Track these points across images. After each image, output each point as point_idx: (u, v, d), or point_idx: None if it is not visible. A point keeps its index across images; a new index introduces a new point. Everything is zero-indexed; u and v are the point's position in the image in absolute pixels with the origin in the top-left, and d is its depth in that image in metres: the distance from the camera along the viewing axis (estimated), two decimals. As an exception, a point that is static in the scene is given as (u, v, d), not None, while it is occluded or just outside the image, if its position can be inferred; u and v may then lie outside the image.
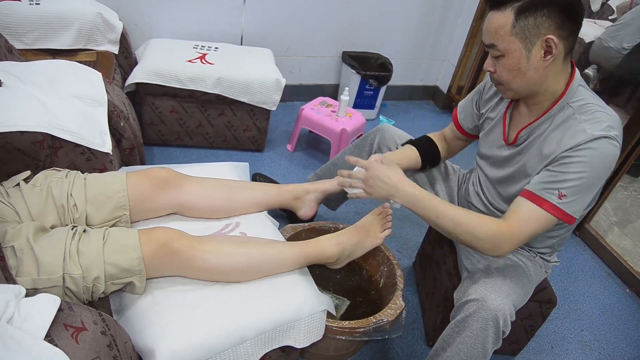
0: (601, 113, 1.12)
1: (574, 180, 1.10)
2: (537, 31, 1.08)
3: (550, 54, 1.10)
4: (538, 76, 1.14)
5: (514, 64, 1.13)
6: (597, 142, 1.08)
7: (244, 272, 1.22)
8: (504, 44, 1.11)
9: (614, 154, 1.10)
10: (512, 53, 1.12)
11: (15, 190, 1.17)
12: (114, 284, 1.08)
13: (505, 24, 1.09)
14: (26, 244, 1.02)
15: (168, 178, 1.33)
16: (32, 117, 1.28)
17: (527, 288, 1.30)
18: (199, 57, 2.31)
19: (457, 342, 1.20)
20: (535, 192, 1.15)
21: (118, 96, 1.76)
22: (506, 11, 1.09)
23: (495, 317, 1.14)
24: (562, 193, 1.11)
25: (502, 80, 1.18)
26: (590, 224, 2.37)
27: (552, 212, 1.13)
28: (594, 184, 1.12)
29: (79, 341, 0.86)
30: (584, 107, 1.14)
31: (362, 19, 2.96)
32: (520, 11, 1.07)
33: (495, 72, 1.19)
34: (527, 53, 1.11)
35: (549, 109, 1.19)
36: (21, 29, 1.94)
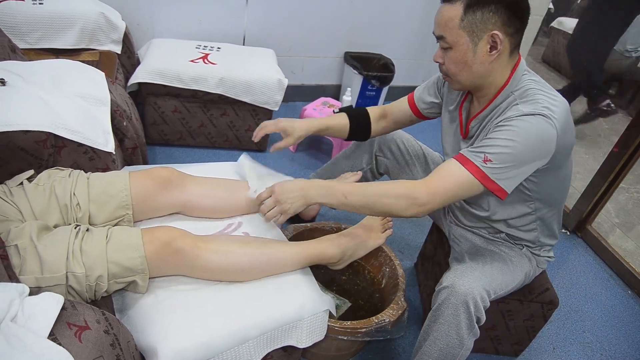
0: (541, 96, 1.14)
1: (501, 147, 1.11)
2: (484, 26, 1.11)
3: (496, 49, 1.13)
4: (483, 70, 1.17)
5: (460, 56, 1.16)
6: (528, 117, 1.10)
7: (247, 271, 1.22)
8: (452, 37, 1.15)
9: (546, 130, 1.10)
10: (459, 46, 1.15)
11: (19, 190, 1.18)
12: (117, 283, 1.08)
13: (454, 17, 1.13)
14: (29, 243, 1.02)
15: (171, 177, 1.33)
16: (35, 117, 1.28)
17: (506, 275, 1.30)
18: (202, 57, 2.32)
19: (434, 330, 1.21)
20: (464, 154, 1.16)
21: (121, 96, 1.76)
22: (456, 4, 1.12)
23: (465, 301, 1.15)
24: (488, 158, 1.12)
25: (450, 72, 1.22)
26: (592, 226, 2.37)
27: (475, 174, 1.13)
28: (523, 157, 1.11)
29: (82, 340, 0.86)
30: (525, 93, 1.17)
31: (364, 20, 2.96)
32: (469, 5, 1.11)
33: (443, 63, 1.22)
34: (474, 47, 1.14)
35: (494, 99, 1.22)
36: (24, 29, 1.95)
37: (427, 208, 1.16)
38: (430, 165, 1.66)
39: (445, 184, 1.15)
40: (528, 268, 1.39)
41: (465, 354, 1.21)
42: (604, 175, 2.22)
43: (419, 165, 1.66)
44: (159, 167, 1.35)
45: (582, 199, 2.34)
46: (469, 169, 1.13)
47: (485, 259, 1.30)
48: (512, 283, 1.33)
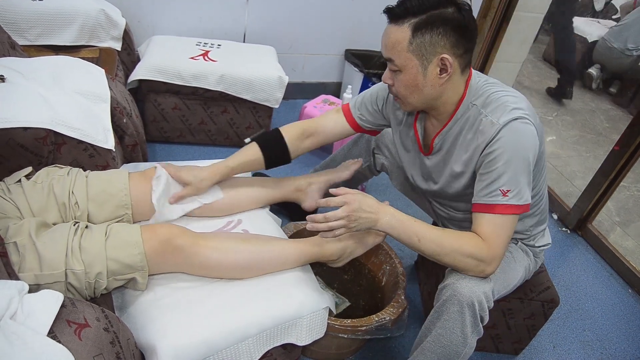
0: (503, 98, 1.14)
1: (506, 173, 1.11)
2: (433, 49, 1.09)
3: (446, 72, 1.12)
4: (434, 92, 1.16)
5: (410, 80, 1.14)
6: (506, 128, 1.10)
7: (246, 269, 1.22)
8: (401, 60, 1.12)
9: (527, 131, 1.11)
10: (409, 70, 1.13)
11: (17, 187, 1.17)
12: (117, 280, 1.08)
13: (402, 40, 1.10)
14: (28, 240, 1.02)
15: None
16: (35, 114, 1.28)
17: (508, 273, 1.30)
18: (202, 54, 2.31)
19: (437, 326, 1.21)
20: (482, 202, 1.15)
21: (121, 93, 1.76)
22: (404, 26, 1.10)
23: (470, 299, 1.14)
24: (504, 190, 1.12)
25: (400, 94, 1.20)
26: (593, 224, 2.37)
27: (507, 211, 1.13)
28: (524, 165, 1.12)
29: (82, 338, 0.86)
30: (487, 100, 1.16)
31: (365, 17, 2.95)
32: (417, 28, 1.08)
33: (393, 85, 1.20)
34: (424, 70, 1.12)
35: (454, 114, 1.21)
36: (24, 25, 1.94)
37: (491, 267, 1.15)
38: None
39: (500, 238, 1.14)
40: (527, 262, 1.39)
41: (469, 353, 1.21)
42: (604, 174, 2.22)
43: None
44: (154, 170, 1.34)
45: (583, 198, 2.34)
46: (501, 211, 1.13)
47: None
48: (514, 280, 1.33)
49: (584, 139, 3.53)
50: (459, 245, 1.13)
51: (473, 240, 1.14)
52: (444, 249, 1.14)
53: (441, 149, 1.28)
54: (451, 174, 1.28)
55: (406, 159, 1.43)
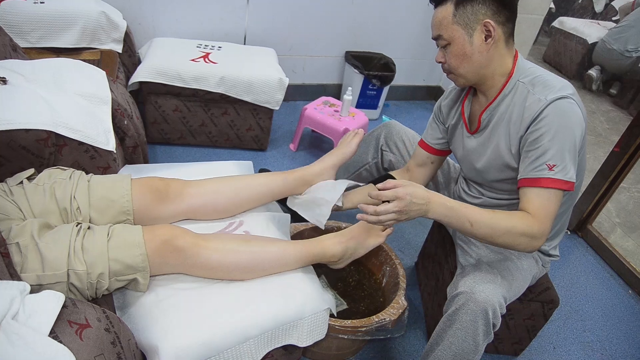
0: (551, 80, 1.20)
1: (552, 148, 1.14)
2: (476, 17, 1.18)
3: (491, 37, 1.19)
4: (483, 59, 1.22)
5: (459, 49, 1.22)
6: (552, 105, 1.14)
7: (247, 270, 1.22)
8: (448, 33, 1.21)
9: (573, 110, 1.15)
10: (456, 40, 1.21)
11: (19, 189, 1.17)
12: (118, 281, 1.08)
13: (447, 15, 1.20)
14: (31, 241, 1.02)
15: (168, 190, 1.30)
16: (36, 115, 1.28)
17: (518, 281, 1.31)
18: (203, 56, 2.32)
19: (449, 335, 1.21)
20: (529, 175, 1.17)
21: (122, 95, 1.76)
22: (446, 4, 1.20)
23: (484, 308, 1.16)
24: (550, 164, 1.14)
25: (452, 67, 1.26)
26: (593, 225, 2.37)
27: (553, 185, 1.14)
28: (570, 142, 1.14)
29: (83, 338, 0.86)
30: (535, 80, 1.22)
31: (365, 19, 2.96)
32: (459, 2, 1.18)
33: (445, 61, 1.28)
34: (470, 38, 1.20)
35: (502, 88, 1.26)
36: (26, 28, 1.95)
37: (541, 242, 1.17)
38: None
39: (548, 212, 1.15)
40: (535, 271, 1.40)
41: (478, 359, 1.22)
42: (604, 175, 2.23)
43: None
44: (157, 179, 1.32)
45: (583, 199, 2.34)
46: (548, 185, 1.14)
47: (501, 265, 1.30)
48: (523, 288, 1.35)
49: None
50: (512, 226, 1.14)
51: (523, 218, 1.15)
52: (497, 231, 1.15)
53: (487, 125, 1.31)
54: (494, 152, 1.29)
55: (457, 146, 1.45)
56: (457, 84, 1.33)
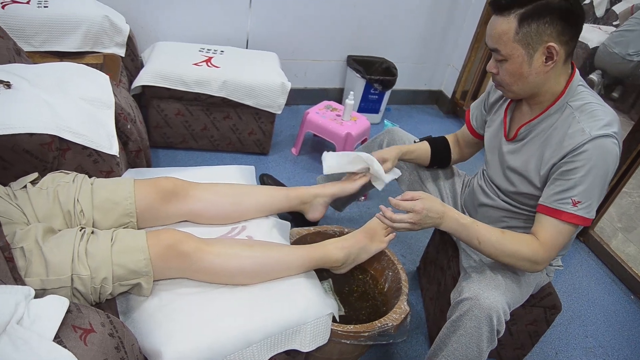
0: (600, 111, 1.15)
1: (582, 184, 1.12)
2: (540, 38, 1.10)
3: (552, 60, 1.13)
4: (539, 80, 1.17)
5: (516, 69, 1.16)
6: (595, 142, 1.11)
7: (250, 274, 1.22)
8: (507, 50, 1.14)
9: (614, 151, 1.12)
10: (514, 59, 1.14)
11: (22, 193, 1.18)
12: (122, 285, 1.08)
13: (508, 30, 1.11)
14: (35, 245, 1.02)
15: (175, 190, 1.33)
16: (40, 119, 1.29)
17: (523, 288, 1.31)
18: (205, 60, 2.32)
19: (452, 341, 1.21)
20: (551, 205, 1.17)
21: (125, 99, 1.77)
22: (510, 17, 1.11)
23: (489, 315, 1.16)
24: (576, 200, 1.14)
25: (504, 83, 1.22)
26: (595, 230, 2.37)
27: (572, 220, 1.15)
28: (601, 183, 1.14)
29: (87, 343, 0.87)
30: (583, 107, 1.17)
31: (367, 24, 2.96)
32: (524, 18, 1.09)
33: (497, 74, 1.21)
34: (529, 59, 1.13)
35: (548, 107, 1.22)
36: (29, 32, 1.95)
37: (542, 267, 1.21)
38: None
39: (557, 243, 1.18)
40: (540, 279, 1.40)
41: None
42: (606, 180, 2.22)
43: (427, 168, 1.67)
44: (162, 178, 1.34)
45: (585, 204, 2.34)
46: (567, 219, 1.16)
47: (505, 272, 1.30)
48: (526, 295, 1.35)
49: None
50: (517, 249, 1.18)
51: (531, 245, 1.18)
52: (502, 253, 1.19)
53: (524, 138, 1.29)
54: (523, 166, 1.28)
55: (488, 144, 1.44)
56: (506, 96, 1.29)
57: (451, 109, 3.40)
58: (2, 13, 1.89)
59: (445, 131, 3.14)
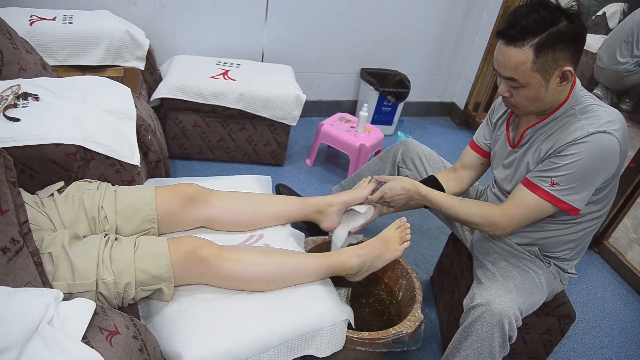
0: (601, 111, 1.19)
1: (566, 169, 1.17)
2: (555, 64, 1.14)
3: (567, 81, 1.16)
4: (553, 99, 1.21)
5: (533, 94, 1.19)
6: (591, 137, 1.15)
7: (268, 281, 1.25)
8: (525, 79, 1.16)
9: (610, 147, 1.14)
10: (532, 85, 1.17)
11: (49, 200, 1.23)
12: (144, 290, 1.12)
13: (525, 61, 1.13)
14: (62, 251, 1.06)
15: (195, 194, 1.37)
16: (66, 131, 1.34)
17: (535, 295, 1.32)
18: (222, 73, 2.38)
19: (465, 347, 1.23)
20: (531, 179, 1.25)
21: (146, 111, 1.82)
22: (524, 48, 1.12)
23: (500, 320, 1.18)
24: (554, 181, 1.19)
25: (520, 105, 1.24)
26: (609, 241, 2.36)
27: (545, 197, 1.21)
28: (589, 174, 1.17)
29: (113, 344, 0.90)
30: (586, 108, 1.21)
31: (380, 37, 3.01)
32: (539, 48, 1.11)
33: (511, 97, 1.23)
34: (546, 83, 1.17)
35: (554, 112, 1.25)
36: (54, 47, 2.03)
37: (507, 232, 1.32)
38: None
39: (519, 211, 1.27)
40: (554, 286, 1.41)
41: None
42: (620, 191, 2.22)
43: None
44: (184, 184, 1.39)
45: (599, 214, 2.33)
46: (540, 195, 1.22)
47: (517, 278, 1.32)
48: (540, 302, 1.36)
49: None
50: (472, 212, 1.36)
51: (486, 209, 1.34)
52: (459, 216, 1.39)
53: (528, 141, 1.32)
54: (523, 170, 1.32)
55: (497, 155, 1.47)
56: (517, 113, 1.32)
57: (464, 121, 3.42)
58: (30, 30, 1.97)
59: (458, 142, 3.17)
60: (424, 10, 2.99)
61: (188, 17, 2.56)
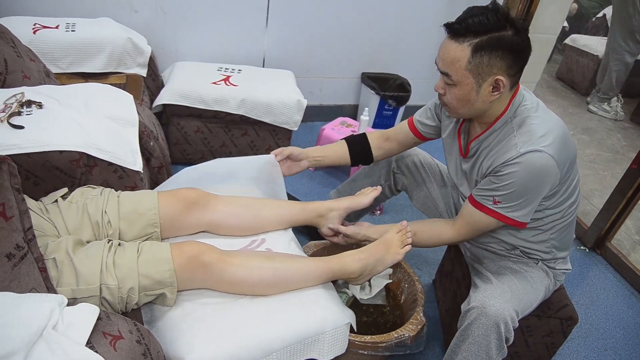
0: (536, 125, 1.20)
1: (504, 189, 1.22)
2: (490, 70, 1.15)
3: (498, 91, 1.18)
4: (484, 107, 1.23)
5: (464, 95, 1.20)
6: (522, 157, 1.17)
7: (270, 285, 1.25)
8: (457, 77, 1.17)
9: (541, 163, 1.17)
10: (463, 86, 1.18)
11: (54, 207, 1.24)
12: (147, 295, 1.13)
13: (461, 58, 1.14)
14: (66, 256, 1.08)
15: (196, 199, 1.38)
16: (69, 138, 1.35)
17: (530, 294, 1.34)
18: (223, 79, 2.39)
19: (462, 350, 1.24)
20: (476, 198, 1.31)
21: (148, 117, 1.83)
22: (464, 45, 1.13)
23: (496, 322, 1.19)
24: (496, 200, 1.24)
25: (450, 105, 1.26)
26: (612, 243, 2.36)
27: (490, 214, 1.28)
28: (529, 191, 1.21)
29: (116, 349, 0.91)
30: (523, 122, 1.23)
31: (380, 41, 3.02)
32: (477, 48, 1.12)
33: (444, 95, 1.25)
34: (478, 87, 1.18)
35: (494, 122, 1.27)
36: (57, 54, 2.05)
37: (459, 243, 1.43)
38: (446, 181, 1.69)
39: (468, 226, 1.35)
40: (547, 282, 1.42)
41: None
42: (622, 192, 2.23)
43: (435, 182, 1.70)
44: (185, 189, 1.40)
45: (601, 216, 2.34)
46: (485, 212, 1.29)
47: (511, 279, 1.33)
48: (535, 301, 1.37)
49: (601, 158, 3.52)
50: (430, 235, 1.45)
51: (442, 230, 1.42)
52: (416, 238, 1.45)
53: (475, 154, 1.35)
54: (475, 182, 1.36)
55: (450, 163, 1.51)
56: (450, 114, 1.33)
57: (465, 124, 3.42)
58: (34, 38, 1.99)
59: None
60: (423, 14, 3.00)
61: (189, 24, 2.58)
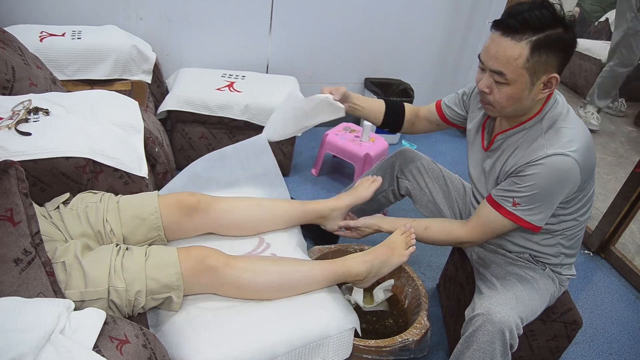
0: (565, 130, 1.19)
1: (526, 191, 1.20)
2: (545, 68, 1.12)
3: (549, 88, 1.16)
4: (531, 104, 1.21)
5: (516, 93, 1.16)
6: (548, 159, 1.16)
7: (276, 289, 1.26)
8: (514, 75, 1.13)
9: (566, 168, 1.16)
10: (518, 84, 1.14)
11: (56, 213, 1.26)
12: (154, 300, 1.14)
13: (519, 56, 1.10)
14: (74, 260, 1.09)
15: (196, 205, 1.38)
16: (76, 144, 1.37)
17: (536, 301, 1.33)
18: (227, 85, 2.41)
19: (467, 357, 1.24)
20: (495, 198, 1.30)
21: (153, 123, 1.85)
22: (522, 43, 1.09)
23: (501, 329, 1.18)
24: (516, 202, 1.23)
25: (498, 104, 1.21)
26: (616, 247, 2.35)
27: (507, 216, 1.27)
28: (549, 195, 1.20)
29: (123, 353, 0.92)
30: (553, 125, 1.22)
31: (383, 46, 3.04)
32: (536, 46, 1.09)
33: (490, 93, 1.20)
34: (531, 86, 1.15)
35: (526, 122, 1.26)
36: (63, 62, 2.07)
37: (471, 245, 1.41)
38: (449, 186, 1.69)
39: (483, 227, 1.34)
40: (553, 289, 1.41)
41: None
42: (626, 196, 2.22)
43: (439, 187, 1.70)
44: (185, 193, 1.40)
45: (605, 220, 2.33)
46: (502, 213, 1.28)
47: (516, 285, 1.33)
48: (540, 308, 1.36)
49: (605, 162, 3.52)
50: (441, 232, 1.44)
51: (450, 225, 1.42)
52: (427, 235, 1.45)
53: (499, 148, 1.33)
54: (492, 171, 1.35)
55: (470, 156, 1.49)
56: (489, 113, 1.30)
57: (468, 128, 3.42)
58: (40, 45, 2.02)
59: (462, 150, 3.17)
60: (427, 20, 3.01)
61: (193, 31, 2.60)
